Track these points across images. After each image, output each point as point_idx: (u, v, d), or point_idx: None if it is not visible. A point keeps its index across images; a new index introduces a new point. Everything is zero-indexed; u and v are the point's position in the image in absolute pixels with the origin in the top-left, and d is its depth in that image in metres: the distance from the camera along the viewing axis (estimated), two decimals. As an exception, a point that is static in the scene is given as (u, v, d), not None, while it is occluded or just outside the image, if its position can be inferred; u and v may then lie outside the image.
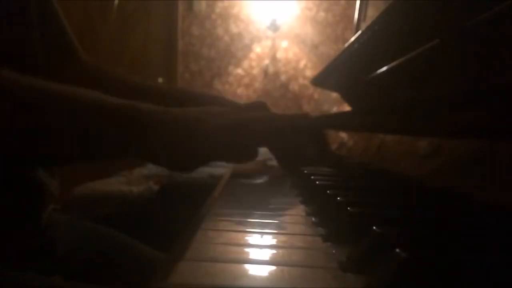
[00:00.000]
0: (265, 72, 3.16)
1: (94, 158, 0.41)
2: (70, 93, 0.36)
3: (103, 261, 0.58)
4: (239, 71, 3.18)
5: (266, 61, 3.16)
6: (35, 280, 0.44)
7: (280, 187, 0.51)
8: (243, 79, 3.18)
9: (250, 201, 0.40)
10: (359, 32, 0.63)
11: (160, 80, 2.99)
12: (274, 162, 0.56)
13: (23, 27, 0.49)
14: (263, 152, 0.48)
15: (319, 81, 1.16)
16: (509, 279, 0.17)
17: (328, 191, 0.34)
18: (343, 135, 0.87)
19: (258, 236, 0.28)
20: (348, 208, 0.27)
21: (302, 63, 3.19)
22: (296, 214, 0.35)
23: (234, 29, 3.15)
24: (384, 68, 0.69)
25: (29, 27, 0.50)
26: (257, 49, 3.16)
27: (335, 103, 2.76)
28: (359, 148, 0.73)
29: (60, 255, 0.53)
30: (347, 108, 1.15)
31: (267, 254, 0.24)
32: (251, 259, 0.23)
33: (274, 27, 3.09)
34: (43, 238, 0.52)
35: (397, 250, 0.18)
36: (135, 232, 0.69)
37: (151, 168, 1.90)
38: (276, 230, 0.30)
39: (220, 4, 3.12)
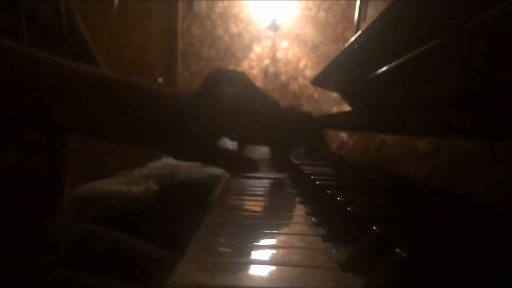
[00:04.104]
0: (265, 72, 3.16)
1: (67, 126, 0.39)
2: (58, 62, 0.36)
3: (103, 261, 0.58)
4: (239, 71, 3.18)
5: (266, 61, 3.16)
6: (44, 270, 0.45)
7: (280, 187, 0.51)
8: (243, 79, 3.18)
9: (250, 201, 0.40)
10: (359, 32, 0.63)
11: (160, 80, 2.99)
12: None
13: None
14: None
15: (319, 81, 1.16)
16: (509, 279, 0.17)
17: (328, 191, 0.34)
18: (343, 135, 0.87)
19: (258, 236, 0.28)
20: (348, 208, 0.27)
21: (302, 63, 3.19)
22: (296, 214, 0.35)
23: (234, 29, 3.15)
24: (384, 68, 0.69)
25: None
26: (257, 49, 3.16)
27: (335, 103, 2.76)
28: (359, 148, 0.73)
29: (61, 255, 0.53)
30: (347, 108, 1.15)
31: (267, 254, 0.24)
32: (251, 259, 0.23)
33: (274, 27, 3.09)
34: (46, 236, 0.52)
35: (397, 250, 0.18)
36: (135, 232, 0.69)
37: (151, 168, 1.90)
38: (276, 230, 0.30)
39: (220, 4, 3.12)
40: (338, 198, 0.31)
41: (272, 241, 0.27)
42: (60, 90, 0.35)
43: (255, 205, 0.38)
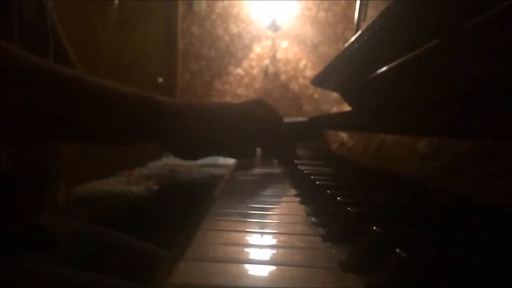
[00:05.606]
0: (265, 72, 3.16)
1: (112, 140, 0.44)
2: (83, 78, 0.38)
3: (103, 260, 0.58)
4: (239, 71, 3.18)
5: (266, 61, 3.16)
6: (42, 268, 0.45)
7: (279, 186, 0.51)
8: (243, 79, 3.18)
9: (250, 201, 0.40)
10: (359, 32, 0.63)
11: (160, 80, 2.99)
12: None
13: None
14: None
15: (319, 81, 1.16)
16: (509, 279, 0.17)
17: (328, 191, 0.34)
18: (343, 135, 0.88)
19: (258, 236, 0.28)
20: (348, 208, 0.27)
21: (302, 63, 3.19)
22: (296, 214, 0.35)
23: (234, 29, 3.15)
24: (384, 68, 0.69)
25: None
26: (257, 49, 3.16)
27: (335, 103, 2.77)
28: (359, 148, 0.73)
29: (60, 255, 0.53)
30: (347, 108, 1.15)
31: (267, 254, 0.24)
32: (251, 259, 0.23)
33: (274, 27, 3.09)
34: (44, 234, 0.52)
35: (397, 250, 0.18)
36: (135, 232, 0.69)
37: (151, 168, 1.91)
38: (276, 230, 0.30)
39: (220, 4, 3.12)
40: (338, 198, 0.31)
41: (272, 241, 0.27)
42: (52, 96, 0.35)
43: (255, 205, 0.38)
